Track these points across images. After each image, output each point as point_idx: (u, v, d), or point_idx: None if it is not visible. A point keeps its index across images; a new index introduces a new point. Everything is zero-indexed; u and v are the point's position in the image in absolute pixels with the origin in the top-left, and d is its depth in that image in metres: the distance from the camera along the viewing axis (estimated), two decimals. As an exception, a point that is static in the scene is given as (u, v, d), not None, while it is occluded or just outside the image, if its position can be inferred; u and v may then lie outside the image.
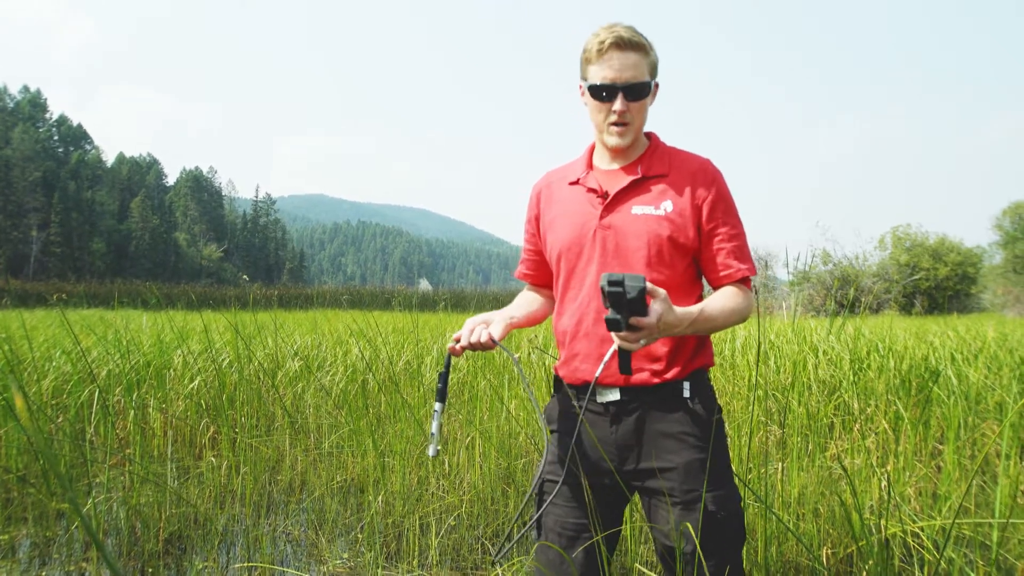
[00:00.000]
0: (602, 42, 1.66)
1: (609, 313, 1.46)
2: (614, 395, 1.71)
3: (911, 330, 8.37)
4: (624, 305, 1.45)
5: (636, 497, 1.89)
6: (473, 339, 1.70)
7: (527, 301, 1.97)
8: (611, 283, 1.42)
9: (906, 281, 28.90)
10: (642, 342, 1.50)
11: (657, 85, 1.74)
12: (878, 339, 5.54)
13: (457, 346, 1.72)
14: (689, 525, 1.65)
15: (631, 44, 1.65)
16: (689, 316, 1.58)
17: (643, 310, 1.47)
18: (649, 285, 1.47)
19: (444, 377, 1.80)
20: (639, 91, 1.67)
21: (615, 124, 1.70)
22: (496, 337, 1.71)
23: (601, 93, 1.68)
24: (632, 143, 1.75)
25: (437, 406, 1.78)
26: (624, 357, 1.55)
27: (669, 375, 1.69)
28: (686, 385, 1.70)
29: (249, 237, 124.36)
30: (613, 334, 1.51)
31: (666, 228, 1.68)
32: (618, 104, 1.67)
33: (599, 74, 1.68)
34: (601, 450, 1.73)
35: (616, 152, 1.77)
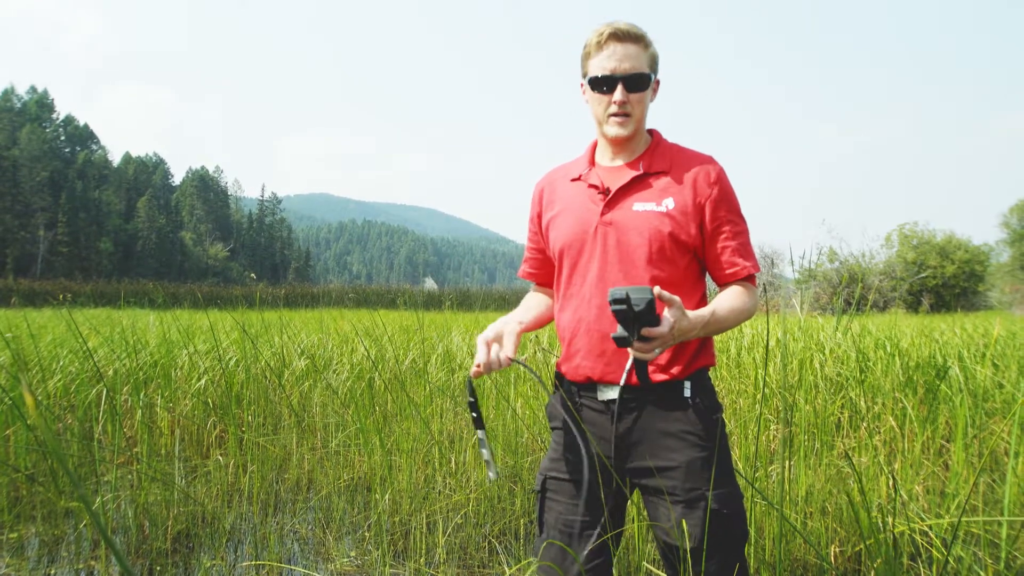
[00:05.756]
0: (601, 34, 1.68)
1: (617, 331, 1.45)
2: (614, 393, 1.71)
3: (918, 328, 8.34)
4: (632, 319, 1.44)
5: (638, 495, 1.89)
6: (493, 365, 1.71)
7: (534, 304, 1.98)
8: (615, 301, 1.41)
9: (913, 279, 28.80)
10: (657, 351, 1.50)
11: (658, 81, 1.75)
12: (885, 337, 5.52)
13: (475, 370, 1.72)
14: (689, 522, 1.65)
15: (630, 36, 1.67)
16: (702, 319, 1.59)
17: (654, 320, 1.46)
18: (665, 294, 1.47)
19: (474, 405, 1.80)
20: (639, 82, 1.68)
21: (615, 115, 1.71)
22: (510, 356, 1.72)
23: (602, 85, 1.70)
24: (633, 136, 1.75)
25: (480, 434, 1.78)
26: (641, 367, 1.55)
27: (671, 373, 1.69)
28: (687, 385, 1.70)
29: (255, 236, 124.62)
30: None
31: (667, 225, 1.68)
32: (618, 94, 1.68)
33: (599, 66, 1.69)
34: (597, 448, 1.73)
35: (618, 147, 1.77)
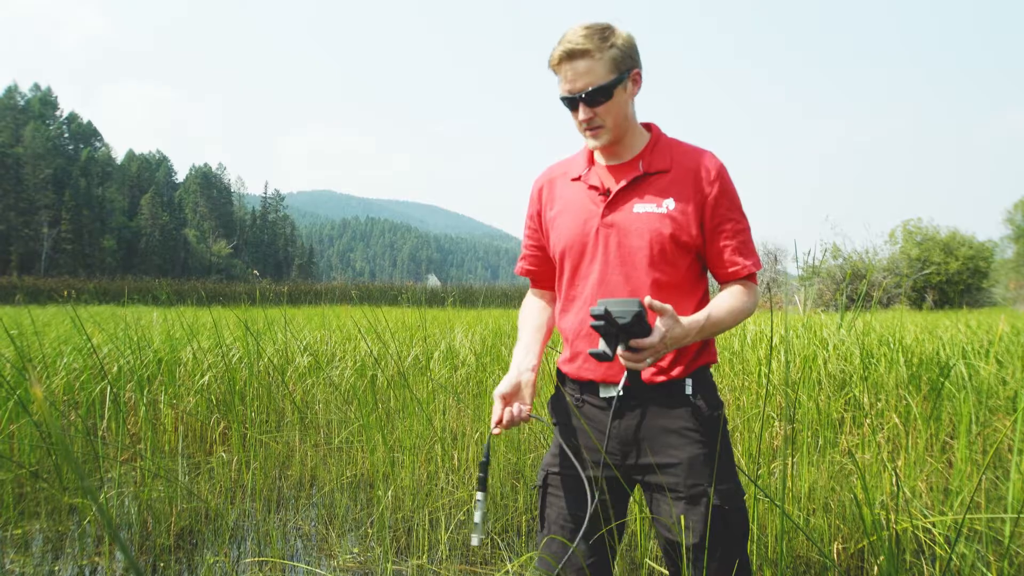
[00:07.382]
0: (553, 57, 1.67)
1: (598, 347, 1.45)
2: (615, 391, 1.71)
3: (922, 325, 8.32)
4: (617, 333, 1.44)
5: (640, 491, 1.89)
6: (515, 421, 1.75)
7: (536, 324, 1.95)
8: (595, 317, 1.40)
9: (917, 275, 28.73)
10: (648, 361, 1.50)
11: (638, 73, 1.70)
12: (888, 334, 5.51)
13: (497, 430, 1.74)
14: (691, 519, 1.65)
15: (580, 53, 1.63)
16: (697, 324, 1.58)
17: (642, 331, 1.46)
18: (656, 304, 1.48)
19: (484, 466, 1.77)
20: (598, 96, 1.65)
21: (587, 130, 1.71)
22: (528, 409, 1.76)
23: (566, 104, 1.70)
24: (621, 137, 1.73)
25: (479, 495, 1.76)
26: (634, 375, 1.56)
27: (672, 374, 1.69)
28: (688, 382, 1.70)
29: (258, 233, 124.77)
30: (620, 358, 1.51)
31: (668, 226, 1.67)
32: (582, 114, 1.67)
33: (560, 86, 1.69)
34: (600, 446, 1.74)
35: (610, 151, 1.76)
